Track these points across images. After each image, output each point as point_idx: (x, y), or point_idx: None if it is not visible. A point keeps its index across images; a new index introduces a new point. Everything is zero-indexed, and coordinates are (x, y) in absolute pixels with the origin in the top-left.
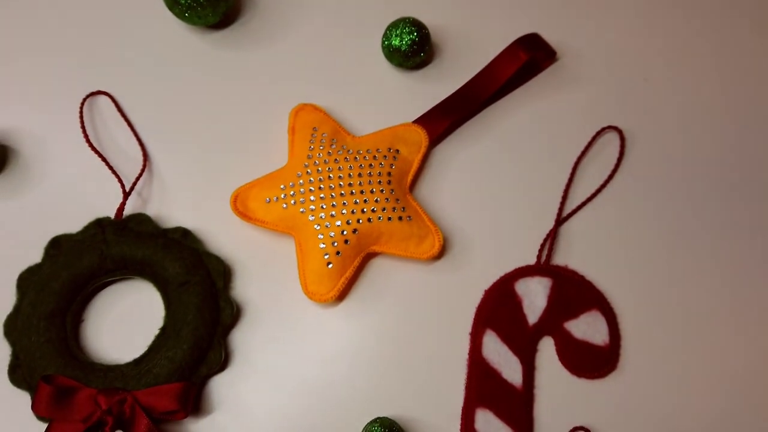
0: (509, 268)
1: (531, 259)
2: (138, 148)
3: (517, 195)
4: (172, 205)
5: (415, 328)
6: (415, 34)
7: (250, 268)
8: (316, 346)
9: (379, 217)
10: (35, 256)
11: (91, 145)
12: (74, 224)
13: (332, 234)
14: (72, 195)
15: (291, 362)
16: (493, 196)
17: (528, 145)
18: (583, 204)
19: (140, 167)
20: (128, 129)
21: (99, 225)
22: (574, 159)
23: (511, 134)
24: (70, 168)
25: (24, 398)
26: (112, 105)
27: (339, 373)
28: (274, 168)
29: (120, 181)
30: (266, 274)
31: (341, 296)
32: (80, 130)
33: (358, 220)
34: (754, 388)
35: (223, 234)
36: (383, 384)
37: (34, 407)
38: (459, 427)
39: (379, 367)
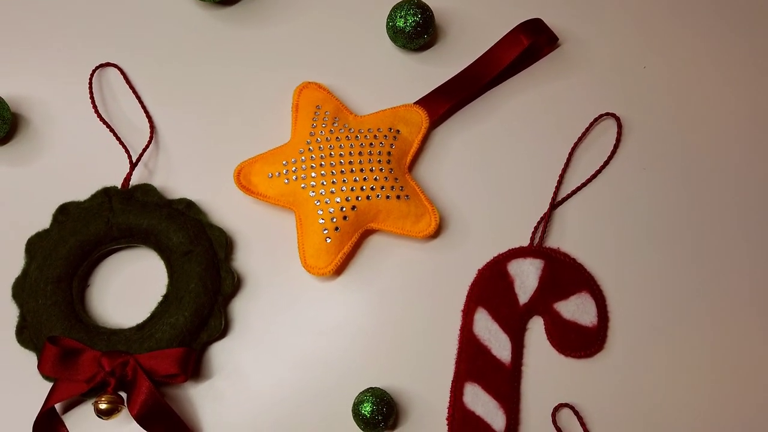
0: (503, 249)
1: (525, 241)
2: (145, 120)
3: (513, 178)
4: (177, 177)
5: (409, 304)
6: (420, 15)
7: (252, 240)
8: (313, 318)
9: (378, 195)
10: (44, 222)
11: (99, 116)
12: (82, 192)
13: (331, 210)
14: (80, 164)
15: (288, 333)
16: (490, 178)
17: (526, 129)
18: (578, 189)
19: (147, 139)
20: (136, 101)
21: (106, 194)
22: (572, 144)
23: (510, 118)
24: (79, 137)
25: (30, 358)
26: (121, 77)
27: (334, 345)
28: (278, 144)
29: (127, 151)
30: (267, 247)
31: (339, 271)
32: (89, 100)
33: (357, 198)
34: (738, 370)
35: (226, 207)
36: (377, 356)
37: (39, 367)
38: (448, 399)
39: (374, 340)
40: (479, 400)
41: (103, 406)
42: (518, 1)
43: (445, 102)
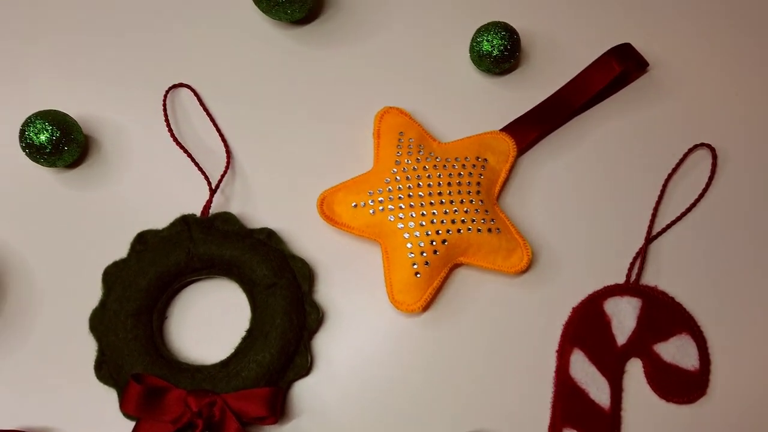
0: (597, 285)
1: (619, 278)
2: (218, 143)
3: (605, 210)
4: (254, 204)
5: (499, 343)
6: (507, 39)
7: (333, 272)
8: (400, 356)
9: (469, 229)
10: (118, 250)
11: (176, 140)
12: (157, 219)
13: (421, 244)
14: (154, 189)
15: (375, 370)
16: (580, 209)
17: (617, 158)
18: (674, 222)
19: (221, 164)
20: (210, 124)
21: (185, 222)
22: (665, 175)
23: (599, 147)
24: (152, 162)
25: (109, 394)
26: (194, 99)
27: (422, 384)
28: (358, 171)
29: (206, 178)
30: (349, 279)
31: (427, 307)
32: (162, 122)
33: (447, 231)
34: None
35: (306, 236)
36: (467, 397)
37: (123, 406)
38: None
39: (464, 380)
40: None
41: None
42: (601, 24)
43: (534, 129)
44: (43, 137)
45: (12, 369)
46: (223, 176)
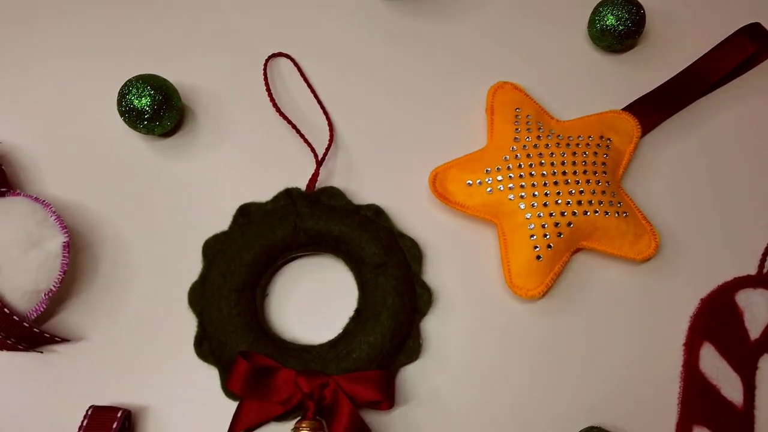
0: (726, 276)
1: (750, 269)
2: (320, 117)
3: (733, 197)
4: (358, 181)
5: (621, 334)
6: (633, 13)
7: (442, 253)
8: (515, 343)
9: (596, 211)
10: (217, 222)
11: (279, 111)
12: (257, 192)
13: (545, 225)
14: (253, 161)
15: (488, 357)
16: (706, 196)
17: (744, 143)
18: None
19: (321, 138)
20: (310, 96)
21: (289, 195)
22: None
23: (727, 130)
24: (250, 133)
25: (208, 372)
26: (292, 70)
27: (537, 374)
28: (469, 148)
29: (312, 150)
30: (459, 261)
31: (546, 293)
32: (260, 93)
33: (573, 213)
34: None
35: (413, 215)
36: (588, 389)
37: (229, 384)
38: None
39: (582, 372)
40: None
41: None
42: (726, 4)
43: (658, 110)
44: (144, 101)
45: (106, 344)
46: (328, 149)
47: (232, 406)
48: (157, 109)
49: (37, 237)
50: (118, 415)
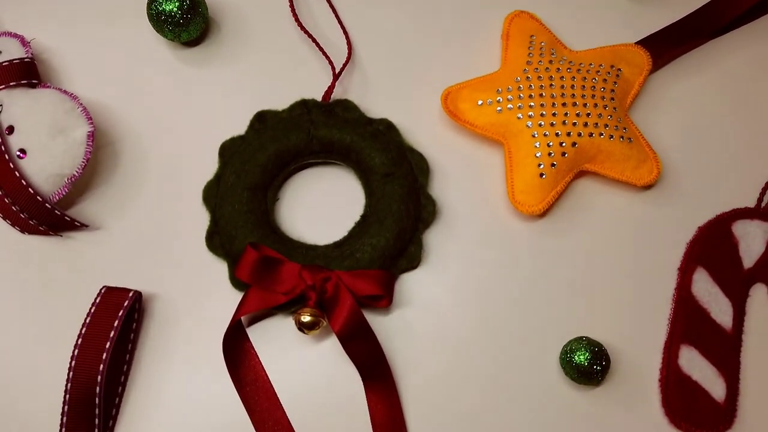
0: (725, 208)
1: (748, 202)
2: (338, 34)
3: (737, 134)
4: (372, 97)
5: (619, 255)
6: None
7: (448, 170)
8: (514, 260)
9: (601, 134)
10: (236, 127)
11: (300, 25)
12: (275, 102)
13: (550, 144)
14: (272, 73)
15: (486, 271)
16: (711, 132)
17: (753, 84)
18: None
19: (338, 55)
20: (329, 12)
21: (305, 105)
22: None
23: (736, 71)
24: (271, 46)
25: (218, 265)
26: None
27: (533, 291)
28: (482, 72)
29: (330, 62)
30: (465, 178)
31: (547, 209)
32: (282, 7)
33: (579, 134)
34: None
35: (423, 133)
36: (582, 307)
37: (237, 271)
38: (660, 360)
39: (579, 288)
40: (696, 365)
41: (306, 318)
42: None
43: (671, 46)
44: (172, 6)
45: (122, 234)
46: (345, 64)
47: (237, 297)
48: (184, 14)
49: (64, 125)
50: (130, 295)
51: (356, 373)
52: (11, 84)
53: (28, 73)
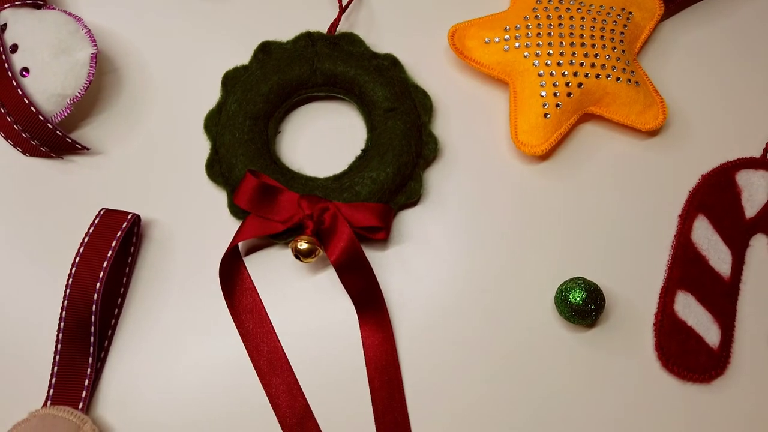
0: (729, 156)
1: (753, 153)
2: None
3: (744, 86)
4: (379, 34)
5: (620, 201)
6: None
7: (452, 109)
8: (513, 201)
9: (608, 75)
10: (240, 57)
11: None
12: (280, 33)
13: (556, 83)
14: (277, 4)
15: (485, 211)
16: (719, 82)
17: (764, 37)
18: None
19: None
20: None
21: (310, 38)
22: None
23: (746, 24)
24: None
25: (216, 194)
26: None
27: (533, 232)
28: (490, 10)
29: None
30: (468, 118)
31: (547, 154)
32: None
33: (585, 74)
34: None
35: (428, 72)
36: (581, 249)
37: (236, 198)
38: (656, 304)
39: (578, 233)
40: (692, 311)
41: (302, 246)
42: None
43: None
44: None
45: (122, 160)
46: None
47: (235, 226)
48: None
49: (68, 45)
50: (128, 217)
51: (351, 305)
52: (16, 3)
53: None
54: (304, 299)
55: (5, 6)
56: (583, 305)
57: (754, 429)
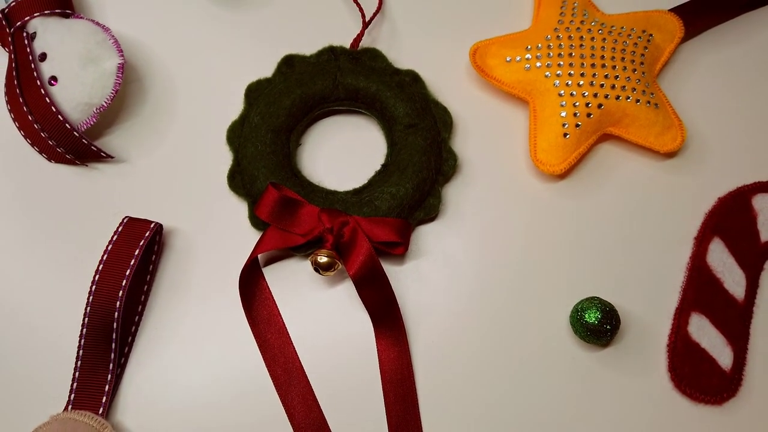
0: (746, 180)
1: None
2: None
3: (763, 108)
4: (400, 49)
5: (637, 221)
6: None
7: (471, 126)
8: (530, 217)
9: (628, 97)
10: (263, 71)
11: None
12: (302, 46)
13: (576, 104)
14: (300, 19)
15: (502, 228)
16: (737, 104)
17: None
18: None
19: (371, 4)
20: None
21: (333, 52)
22: None
23: (765, 49)
24: None
25: (237, 205)
26: None
27: (549, 251)
28: (512, 29)
29: (361, 10)
30: (487, 135)
31: (568, 172)
32: None
33: (605, 96)
34: None
35: (449, 88)
36: (596, 269)
37: (257, 209)
38: (670, 326)
39: (594, 252)
40: (705, 333)
41: (322, 259)
42: None
43: (704, 16)
44: None
45: (145, 169)
46: (376, 13)
47: (256, 237)
48: None
49: (96, 55)
50: (151, 226)
51: (368, 319)
52: (46, 12)
53: (62, 2)
54: (322, 311)
55: (35, 14)
56: (598, 325)
57: None
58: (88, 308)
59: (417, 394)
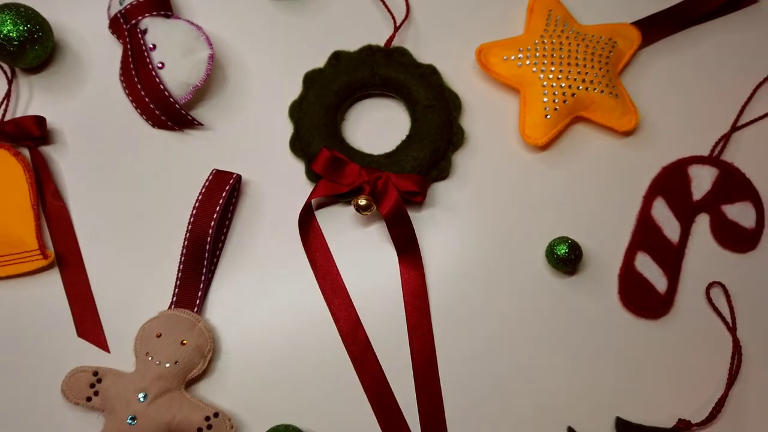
0: (684, 154)
1: (703, 152)
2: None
3: (701, 101)
4: (422, 48)
5: (600, 182)
6: None
7: (475, 108)
8: (519, 178)
9: (595, 89)
10: (317, 62)
11: None
12: (346, 45)
13: (555, 93)
14: (345, 23)
15: (497, 186)
16: (681, 98)
17: (717, 65)
18: (755, 120)
19: (400, 11)
20: None
21: (371, 49)
22: (758, 81)
23: (706, 54)
24: (346, 6)
25: (296, 166)
26: None
27: (534, 201)
28: (509, 34)
29: (393, 18)
30: (487, 116)
31: (547, 146)
32: None
33: (578, 87)
34: None
35: (458, 78)
36: (567, 218)
37: (313, 164)
38: (621, 260)
39: (567, 205)
40: (647, 267)
41: (362, 202)
42: None
43: (658, 29)
44: None
45: (227, 136)
46: (404, 20)
47: (310, 187)
48: None
49: (193, 47)
50: (233, 176)
51: (393, 250)
52: (153, 13)
53: (164, 5)
54: (359, 243)
55: (145, 15)
56: (566, 255)
57: (687, 353)
58: (188, 234)
59: (429, 304)
